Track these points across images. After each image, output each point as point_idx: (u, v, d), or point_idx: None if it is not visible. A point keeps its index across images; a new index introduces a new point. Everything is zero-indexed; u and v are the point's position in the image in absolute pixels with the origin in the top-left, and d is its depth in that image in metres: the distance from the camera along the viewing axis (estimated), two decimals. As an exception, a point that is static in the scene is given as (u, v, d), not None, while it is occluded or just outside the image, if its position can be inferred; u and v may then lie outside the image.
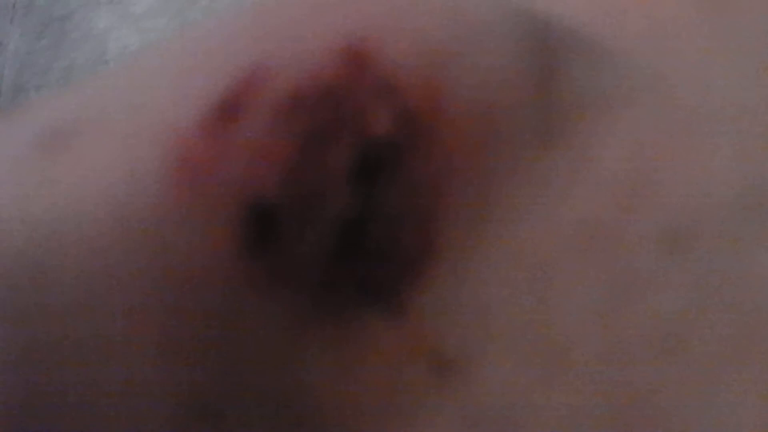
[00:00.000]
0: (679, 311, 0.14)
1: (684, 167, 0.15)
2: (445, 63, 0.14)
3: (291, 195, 0.13)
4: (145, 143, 0.14)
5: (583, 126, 0.15)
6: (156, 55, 0.16)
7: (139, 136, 0.14)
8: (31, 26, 1.47)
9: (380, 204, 0.14)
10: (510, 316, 0.14)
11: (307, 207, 0.13)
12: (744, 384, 0.13)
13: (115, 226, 0.13)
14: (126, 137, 0.14)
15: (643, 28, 0.17)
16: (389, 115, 0.14)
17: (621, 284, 0.14)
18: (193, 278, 0.13)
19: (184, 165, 0.13)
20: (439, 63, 0.14)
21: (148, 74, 0.16)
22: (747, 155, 0.15)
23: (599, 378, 0.13)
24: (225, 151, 0.13)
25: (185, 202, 0.13)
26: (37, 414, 0.13)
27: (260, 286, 0.13)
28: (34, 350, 0.13)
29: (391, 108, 0.14)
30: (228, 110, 0.14)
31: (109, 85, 0.16)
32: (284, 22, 0.15)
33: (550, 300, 0.14)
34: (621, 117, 0.15)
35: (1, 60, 1.43)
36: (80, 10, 1.44)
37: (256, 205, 0.13)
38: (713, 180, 0.15)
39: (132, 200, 0.13)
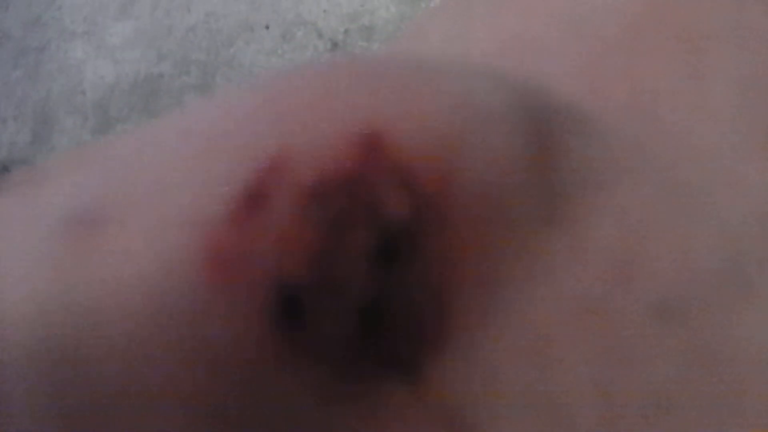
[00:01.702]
0: (671, 377, 0.15)
1: (671, 240, 0.16)
2: (454, 147, 0.15)
3: (316, 279, 0.14)
4: (174, 232, 0.15)
5: (581, 205, 0.16)
6: (175, 131, 0.17)
7: (167, 223, 0.15)
8: (6, 56, 1.46)
9: (399, 282, 0.15)
10: (517, 383, 0.15)
11: (331, 288, 0.14)
12: None
13: (152, 316, 0.14)
14: (155, 224, 0.15)
15: (626, 100, 0.18)
16: (405, 199, 0.15)
17: (616, 354, 0.15)
18: (225, 357, 0.14)
19: (213, 254, 0.14)
20: (449, 148, 0.15)
21: (170, 154, 0.16)
22: (723, 227, 0.16)
23: None
24: (252, 239, 0.14)
25: (216, 288, 0.14)
26: None
27: (287, 362, 0.14)
28: (74, 420, 0.14)
29: (406, 193, 0.15)
30: (252, 199, 0.14)
31: (130, 161, 0.17)
32: (299, 107, 0.15)
33: (551, 369, 0.15)
34: (613, 194, 0.16)
35: (-24, 91, 1.42)
36: (55, 40, 1.44)
37: (284, 289, 0.14)
38: (699, 251, 0.16)
39: (166, 289, 0.14)
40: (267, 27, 1.19)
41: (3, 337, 0.14)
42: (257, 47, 1.21)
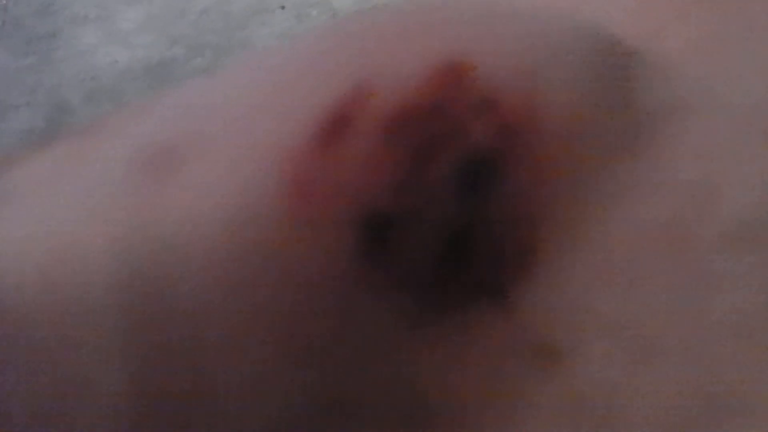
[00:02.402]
0: (754, 301, 0.15)
1: (747, 167, 0.16)
2: (536, 78, 0.15)
3: (401, 206, 0.14)
4: (255, 162, 0.15)
5: (660, 133, 0.16)
6: (252, 69, 0.17)
7: (247, 155, 0.15)
8: (18, 44, 1.46)
9: (484, 210, 0.15)
10: (602, 308, 0.15)
11: (418, 214, 0.14)
12: None
13: (234, 240, 0.14)
14: (235, 156, 0.15)
15: (681, 44, 0.18)
16: (488, 128, 0.15)
17: (698, 279, 0.15)
18: (311, 282, 0.14)
19: (298, 180, 0.14)
20: (531, 78, 0.15)
21: (247, 89, 0.16)
22: None
23: (688, 364, 0.15)
24: (337, 164, 0.14)
25: (302, 215, 0.14)
26: (162, 414, 0.14)
27: (375, 288, 0.14)
28: (158, 353, 0.14)
29: (489, 121, 0.15)
30: (336, 125, 0.15)
31: (203, 101, 0.17)
32: (383, 39, 0.16)
33: (635, 295, 0.15)
34: (688, 127, 0.16)
35: (-11, 78, 1.43)
36: (67, 27, 1.44)
37: (370, 215, 0.14)
38: (765, 178, 0.16)
39: (248, 221, 0.14)
40: (282, 7, 1.19)
41: (86, 272, 0.14)
42: (271, 29, 1.21)
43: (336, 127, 0.15)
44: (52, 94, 1.38)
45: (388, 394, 0.15)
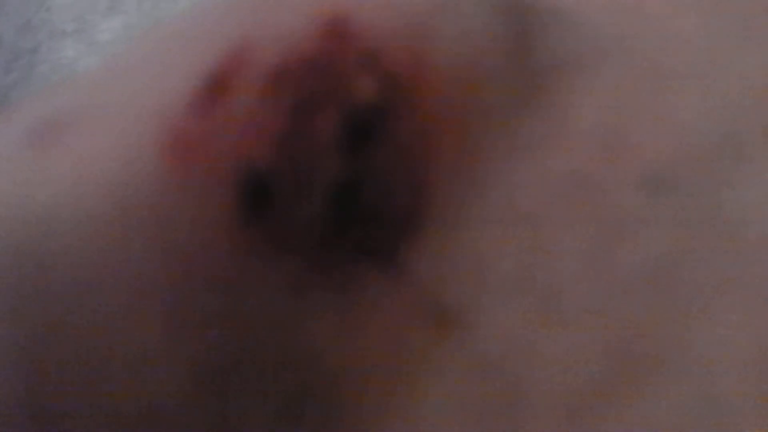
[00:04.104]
0: (667, 248, 0.14)
1: (656, 118, 0.16)
2: (424, 30, 0.15)
3: (283, 163, 0.14)
4: (137, 128, 0.14)
5: (562, 86, 0.15)
6: (138, 46, 0.17)
7: (129, 121, 0.14)
8: (0, 62, 1.46)
9: (370, 167, 0.14)
10: (503, 264, 0.14)
11: (300, 174, 0.14)
12: (734, 308, 0.14)
13: (113, 210, 0.14)
14: (116, 124, 0.15)
15: (603, 1, 0.18)
16: (373, 82, 0.14)
17: (608, 227, 0.15)
18: (193, 250, 0.14)
19: (176, 144, 0.14)
20: (418, 31, 0.15)
21: (132, 63, 0.16)
22: (716, 104, 0.16)
23: (594, 316, 0.14)
24: (215, 126, 0.14)
25: (181, 179, 0.14)
26: (48, 392, 0.14)
27: (259, 253, 0.14)
28: (42, 332, 0.14)
29: (374, 75, 0.14)
30: (215, 87, 0.14)
31: (94, 78, 0.16)
32: (266, 1, 0.15)
33: (540, 246, 0.14)
34: (594, 76, 0.16)
35: (-29, 97, 1.42)
36: (47, 41, 1.44)
37: (250, 175, 0.14)
38: (685, 128, 0.15)
39: (129, 184, 0.14)
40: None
41: None
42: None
43: (215, 89, 0.14)
44: (35, 109, 1.38)
45: (283, 364, 0.14)
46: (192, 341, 0.14)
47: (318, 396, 0.14)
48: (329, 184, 0.14)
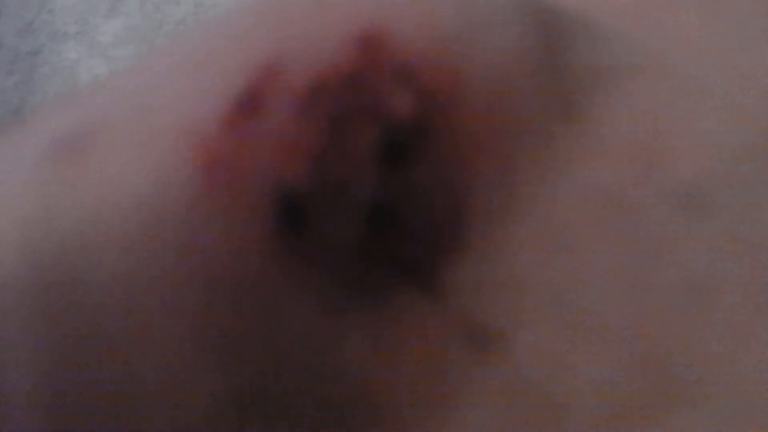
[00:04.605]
0: (703, 266, 0.14)
1: (687, 132, 0.15)
2: (458, 46, 0.15)
3: (319, 182, 0.14)
4: (168, 143, 0.14)
5: (597, 99, 0.15)
6: (165, 55, 0.16)
7: (160, 136, 0.14)
8: (1, 64, 1.46)
9: (408, 186, 0.14)
10: (540, 284, 0.14)
11: (336, 192, 0.14)
12: None
13: (144, 227, 0.13)
14: (146, 139, 0.14)
15: (628, 8, 0.18)
16: (410, 97, 0.14)
17: (645, 247, 0.14)
18: (225, 270, 0.13)
19: (210, 161, 0.13)
20: (453, 46, 0.14)
21: (160, 74, 0.16)
22: (750, 120, 0.16)
23: (631, 337, 0.14)
24: (249, 143, 0.14)
25: (214, 197, 0.13)
26: (75, 410, 0.13)
27: (293, 273, 0.13)
28: (70, 349, 0.13)
29: (410, 91, 0.14)
30: (248, 104, 0.14)
31: (118, 88, 0.16)
32: (297, 14, 0.15)
33: (577, 267, 0.14)
34: (627, 89, 0.16)
35: (-28, 100, 1.42)
36: (48, 44, 1.43)
37: (285, 194, 0.13)
38: (718, 140, 0.15)
39: (159, 201, 0.13)
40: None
41: None
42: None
43: (248, 106, 0.14)
44: (37, 111, 1.38)
45: (321, 386, 0.14)
46: (222, 362, 0.13)
47: (353, 420, 0.14)
48: (366, 203, 0.14)
